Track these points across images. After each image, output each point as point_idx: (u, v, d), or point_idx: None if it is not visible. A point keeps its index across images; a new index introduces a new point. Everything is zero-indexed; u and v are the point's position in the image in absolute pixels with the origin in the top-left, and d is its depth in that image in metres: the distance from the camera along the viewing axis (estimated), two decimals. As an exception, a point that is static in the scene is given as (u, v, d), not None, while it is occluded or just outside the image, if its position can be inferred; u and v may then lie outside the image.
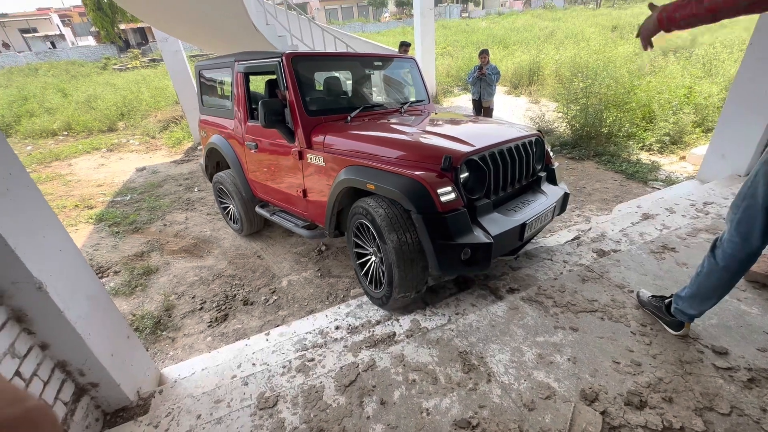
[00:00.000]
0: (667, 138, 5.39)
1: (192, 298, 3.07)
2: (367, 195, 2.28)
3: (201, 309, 2.93)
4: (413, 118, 2.95)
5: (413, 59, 3.61)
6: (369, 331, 2.08)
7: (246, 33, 6.24)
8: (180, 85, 7.93)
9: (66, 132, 9.53)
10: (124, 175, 6.30)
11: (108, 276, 3.47)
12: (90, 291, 1.66)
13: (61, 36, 37.88)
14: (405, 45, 6.18)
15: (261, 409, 1.66)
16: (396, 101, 3.37)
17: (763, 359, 1.65)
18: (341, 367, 1.82)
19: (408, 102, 3.31)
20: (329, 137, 2.55)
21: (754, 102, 3.31)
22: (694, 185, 3.80)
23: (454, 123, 2.81)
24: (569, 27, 19.24)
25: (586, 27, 18.53)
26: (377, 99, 3.54)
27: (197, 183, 5.56)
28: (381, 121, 2.79)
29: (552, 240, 3.08)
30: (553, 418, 1.47)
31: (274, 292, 3.05)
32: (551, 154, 2.78)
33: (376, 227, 2.10)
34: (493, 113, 6.28)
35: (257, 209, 3.51)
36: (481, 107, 5.99)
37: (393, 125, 2.62)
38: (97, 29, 30.25)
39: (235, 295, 3.05)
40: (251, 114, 3.21)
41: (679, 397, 1.51)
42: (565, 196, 2.61)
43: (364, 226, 2.29)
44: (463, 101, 9.51)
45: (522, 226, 2.12)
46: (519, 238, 2.16)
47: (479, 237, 1.95)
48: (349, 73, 3.47)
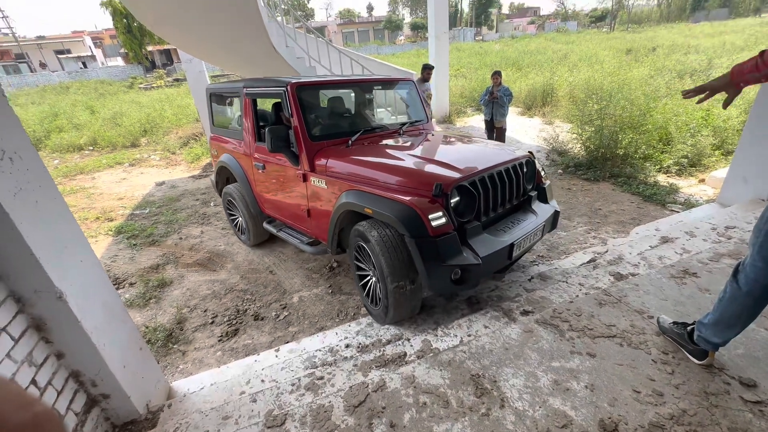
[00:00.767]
0: (686, 160, 5.29)
1: (204, 311, 3.09)
2: (366, 217, 2.40)
3: (212, 323, 2.94)
4: (411, 140, 3.08)
5: (412, 81, 3.74)
6: (379, 351, 2.05)
7: (266, 55, 6.47)
8: (201, 104, 8.21)
9: (91, 147, 9.91)
10: (144, 189, 6.49)
11: (124, 287, 3.53)
12: (106, 301, 1.70)
13: (92, 57, 39.97)
14: (428, 68, 6.04)
15: (269, 428, 1.63)
16: (395, 122, 3.49)
17: (796, 393, 1.56)
18: (351, 387, 1.79)
19: (407, 123, 3.43)
20: (331, 161, 2.69)
21: (775, 125, 3.24)
22: (714, 209, 3.71)
23: (448, 146, 2.96)
24: (583, 50, 19.38)
25: (599, 50, 18.64)
26: (377, 120, 3.69)
27: (213, 198, 5.68)
28: (380, 145, 2.92)
29: (567, 262, 3.02)
30: (570, 448, 1.41)
31: (285, 307, 3.05)
32: (543, 173, 2.88)
33: (372, 249, 2.26)
34: (507, 133, 6.30)
35: (265, 225, 3.68)
36: (494, 127, 6.02)
37: (390, 150, 2.77)
38: (126, 51, 31.86)
39: (246, 310, 3.06)
40: (259, 136, 3.35)
41: (705, 431, 1.43)
42: (555, 214, 2.72)
43: (362, 247, 2.41)
44: (477, 121, 9.57)
45: (510, 246, 2.23)
46: (508, 257, 2.26)
47: (468, 258, 2.08)
48: (351, 98, 3.65)
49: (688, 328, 1.78)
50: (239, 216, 4.00)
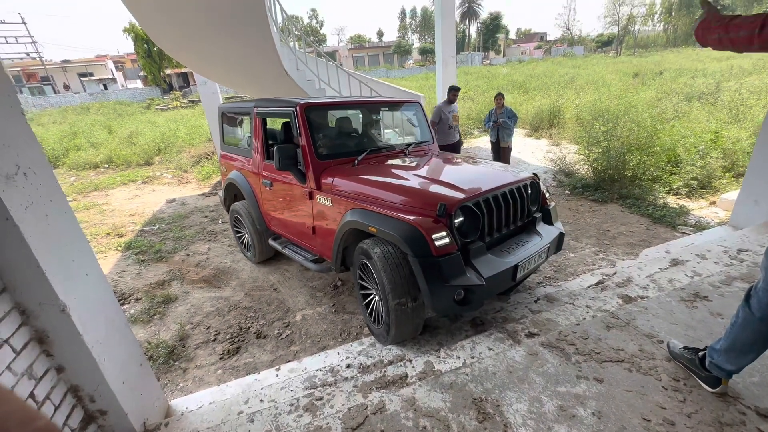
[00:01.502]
0: (695, 182, 5.24)
1: (207, 328, 3.08)
2: (370, 235, 2.41)
3: (214, 340, 2.93)
4: (416, 160, 3.12)
5: (418, 103, 3.83)
6: (380, 371, 2.01)
7: (278, 77, 6.68)
8: (214, 124, 8.46)
9: (107, 165, 10.20)
10: (155, 206, 6.61)
11: (129, 303, 3.55)
12: (109, 316, 1.71)
13: (113, 79, 41.64)
14: (454, 90, 5.78)
15: (265, 449, 1.60)
16: (401, 143, 3.55)
17: (816, 426, 1.48)
18: (350, 408, 1.75)
19: (413, 143, 3.48)
20: (337, 180, 2.74)
21: (785, 147, 3.21)
22: (726, 231, 3.63)
23: (452, 167, 2.98)
24: (589, 73, 19.61)
25: (606, 74, 18.85)
26: (384, 141, 3.77)
27: (221, 215, 5.76)
28: (385, 164, 2.97)
29: (574, 284, 2.97)
30: (576, 479, 1.35)
31: (287, 326, 3.03)
32: (547, 195, 2.87)
33: (374, 265, 2.26)
34: (514, 154, 6.32)
35: (270, 241, 3.71)
36: (500, 148, 6.07)
37: (395, 170, 2.82)
38: (146, 74, 33.21)
39: (249, 328, 3.04)
40: (267, 154, 3.44)
41: (720, 465, 1.36)
42: (560, 235, 2.69)
43: (366, 265, 2.42)
44: (484, 142, 9.65)
45: (514, 267, 2.21)
46: (512, 278, 2.24)
47: (472, 279, 2.05)
48: (358, 118, 3.72)
49: (699, 353, 1.72)
50: (245, 233, 4.05)
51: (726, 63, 18.27)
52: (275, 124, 3.96)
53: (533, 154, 8.28)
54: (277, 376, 2.28)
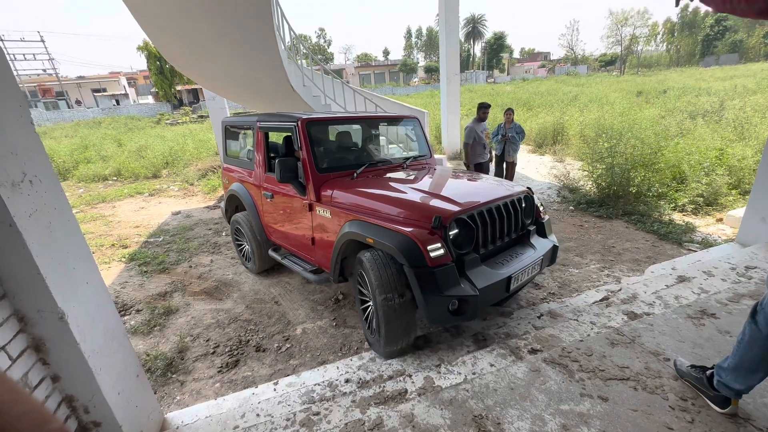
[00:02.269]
0: (701, 199, 5.19)
1: (206, 341, 3.05)
2: (369, 247, 2.46)
3: (213, 353, 2.90)
4: (414, 174, 3.19)
5: (416, 118, 3.90)
6: (379, 387, 1.98)
7: (284, 93, 6.82)
8: (221, 138, 8.60)
9: (115, 177, 10.35)
10: (160, 218, 6.66)
11: (130, 314, 3.54)
12: (108, 325, 1.70)
13: (125, 95, 42.72)
14: (484, 107, 5.56)
15: (259, 465, 1.56)
16: (399, 157, 3.62)
17: (832, 450, 1.42)
18: (347, 424, 1.71)
19: (411, 157, 3.56)
20: (336, 192, 2.80)
21: (790, 164, 3.18)
22: (734, 248, 3.58)
23: (449, 181, 3.05)
24: (593, 91, 19.78)
25: (610, 92, 19.00)
26: (384, 155, 3.84)
27: (225, 228, 5.78)
28: (383, 178, 3.04)
29: (579, 300, 2.92)
30: (580, 502, 1.30)
31: (287, 339, 3.00)
32: (541, 208, 2.93)
33: (364, 267, 2.34)
34: (517, 169, 6.34)
35: (270, 252, 3.75)
36: (504, 162, 6.12)
37: (392, 183, 2.87)
38: (157, 90, 34.06)
39: (249, 341, 3.01)
40: (269, 167, 3.51)
41: (731, 490, 1.30)
42: (554, 248, 2.74)
43: (363, 274, 2.46)
44: (487, 158, 9.69)
45: (508, 279, 2.26)
46: (505, 289, 2.29)
47: (466, 290, 2.10)
48: (358, 133, 3.81)
49: (707, 372, 1.67)
50: (245, 243, 4.11)
51: (730, 82, 18.36)
52: (277, 137, 4.03)
53: (537, 170, 8.29)
54: (275, 390, 2.25)
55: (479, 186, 2.87)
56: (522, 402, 1.75)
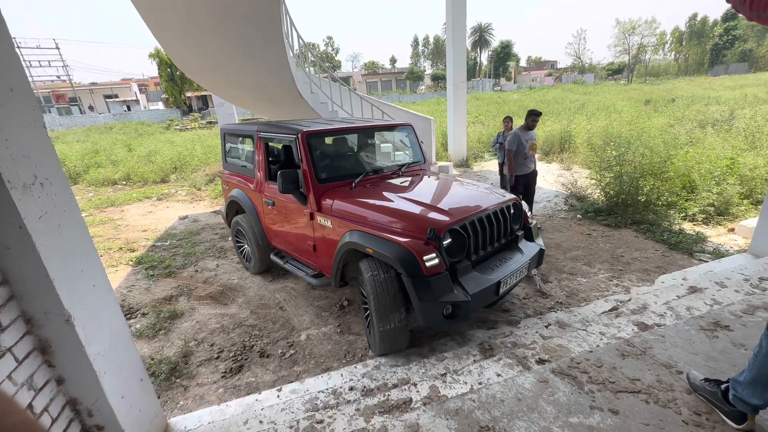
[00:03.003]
0: (712, 209, 5.11)
1: (211, 345, 3.05)
2: (367, 254, 2.58)
3: (218, 358, 2.89)
4: (409, 181, 3.35)
5: (410, 125, 3.98)
6: (384, 395, 1.95)
7: (292, 99, 6.88)
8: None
9: (125, 181, 10.48)
10: (167, 222, 6.71)
11: (136, 317, 3.55)
12: (113, 329, 1.70)
13: (136, 101, 43.45)
14: (534, 114, 5.03)
15: (261, 473, 1.53)
16: (394, 165, 3.73)
17: None
18: (351, 433, 1.68)
19: (405, 164, 3.66)
20: (336, 202, 2.90)
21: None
22: (746, 259, 3.51)
23: (442, 190, 3.18)
24: (600, 100, 19.71)
25: (617, 100, 18.92)
26: (379, 163, 3.96)
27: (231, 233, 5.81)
28: (380, 187, 3.15)
29: (587, 310, 2.88)
30: None
31: (291, 345, 2.98)
32: (529, 214, 3.11)
33: (365, 282, 2.47)
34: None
35: (272, 257, 3.85)
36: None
37: (389, 194, 2.97)
38: (167, 96, 34.62)
39: (253, 346, 3.00)
40: (269, 175, 3.59)
41: None
42: (541, 251, 2.90)
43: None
44: (493, 165, 9.65)
45: (497, 283, 2.42)
46: (495, 293, 2.45)
47: (459, 296, 2.25)
48: (355, 142, 3.93)
49: (722, 386, 1.63)
50: (246, 244, 4.21)
51: (740, 91, 18.20)
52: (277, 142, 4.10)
53: (544, 177, 8.23)
54: (279, 396, 2.22)
55: (470, 195, 2.97)
56: (530, 413, 1.71)
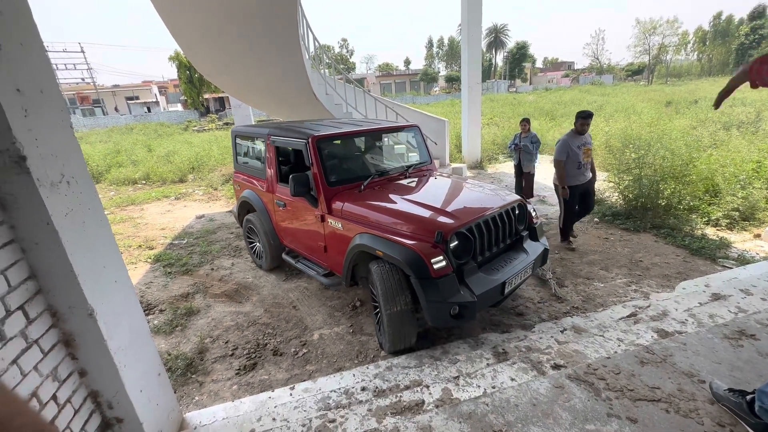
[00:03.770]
0: (737, 213, 4.94)
1: (225, 343, 3.10)
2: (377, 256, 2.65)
3: (232, 355, 2.93)
4: (416, 182, 3.41)
5: (417, 127, 4.02)
6: (396, 396, 1.95)
7: (307, 101, 6.96)
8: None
9: (144, 181, 10.75)
10: (185, 221, 6.86)
11: (154, 313, 3.63)
12: (134, 324, 1.75)
13: (156, 103, 44.59)
14: (584, 116, 4.57)
15: (274, 470, 1.55)
16: (401, 166, 3.79)
17: None
18: (363, 433, 1.69)
19: (412, 166, 3.72)
20: (347, 205, 2.97)
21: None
22: (773, 266, 3.37)
23: (448, 192, 3.22)
24: (619, 101, 19.29)
25: (637, 102, 18.48)
26: (386, 164, 4.03)
27: (247, 232, 5.89)
28: (388, 190, 3.20)
29: (605, 315, 2.81)
30: None
31: (304, 344, 3.00)
32: (534, 214, 3.14)
33: (375, 284, 2.55)
34: (538, 179, 6.25)
35: (284, 256, 3.97)
36: (522, 172, 6.08)
37: (397, 196, 3.02)
38: (186, 98, 35.41)
39: (267, 344, 3.03)
40: (280, 178, 3.68)
41: None
42: (545, 251, 2.97)
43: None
44: (508, 167, 9.54)
45: (503, 284, 2.48)
46: (501, 293, 2.51)
47: (465, 296, 2.32)
48: (364, 145, 4.02)
49: (747, 397, 1.57)
50: (257, 242, 4.32)
51: (766, 92, 17.55)
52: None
53: (560, 180, 8.09)
54: (291, 395, 2.24)
55: (476, 197, 3.01)
56: (545, 419, 1.68)
